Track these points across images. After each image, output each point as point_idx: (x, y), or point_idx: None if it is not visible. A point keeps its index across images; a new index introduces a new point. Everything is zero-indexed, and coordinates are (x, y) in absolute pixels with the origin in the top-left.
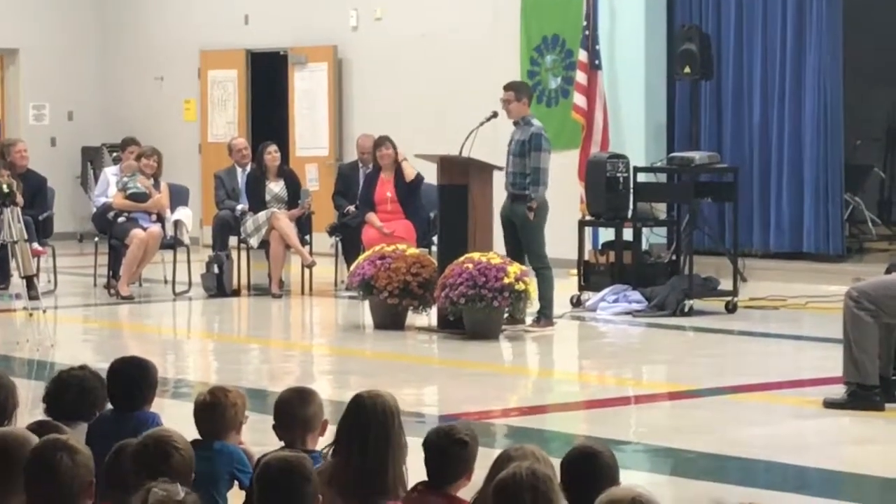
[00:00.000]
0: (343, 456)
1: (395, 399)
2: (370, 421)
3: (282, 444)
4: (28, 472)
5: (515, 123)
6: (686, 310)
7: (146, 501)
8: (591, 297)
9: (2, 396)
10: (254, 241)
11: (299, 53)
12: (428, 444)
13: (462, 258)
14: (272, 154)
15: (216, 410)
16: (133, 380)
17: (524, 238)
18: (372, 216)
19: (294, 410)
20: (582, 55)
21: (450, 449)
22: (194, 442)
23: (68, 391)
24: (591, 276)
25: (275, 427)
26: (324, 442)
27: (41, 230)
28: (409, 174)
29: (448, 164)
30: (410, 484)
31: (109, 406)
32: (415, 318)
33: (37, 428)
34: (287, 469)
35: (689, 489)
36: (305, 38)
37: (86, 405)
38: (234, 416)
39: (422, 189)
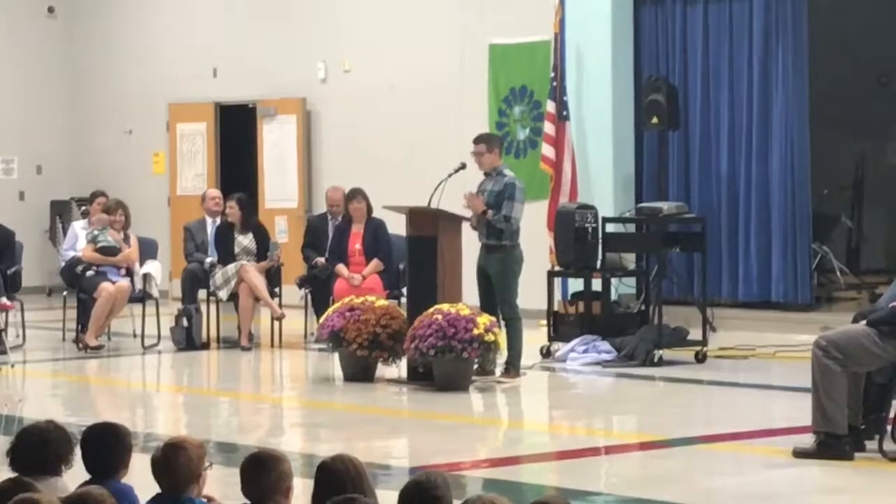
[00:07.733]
0: None
1: (359, 459)
2: (344, 482)
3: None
4: None
5: (487, 174)
6: (656, 360)
7: None
8: (560, 348)
9: None
10: (223, 294)
11: (268, 106)
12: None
13: (431, 309)
14: (231, 208)
15: (170, 466)
16: (106, 447)
17: (498, 287)
18: (341, 267)
19: (254, 476)
20: (550, 106)
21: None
22: (158, 497)
23: (32, 445)
24: (560, 327)
25: (242, 489)
26: None
27: (9, 284)
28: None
29: (417, 216)
30: None
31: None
32: (384, 370)
33: (11, 486)
34: None
35: None
36: (274, 91)
37: (51, 459)
38: (189, 469)
39: (390, 240)
